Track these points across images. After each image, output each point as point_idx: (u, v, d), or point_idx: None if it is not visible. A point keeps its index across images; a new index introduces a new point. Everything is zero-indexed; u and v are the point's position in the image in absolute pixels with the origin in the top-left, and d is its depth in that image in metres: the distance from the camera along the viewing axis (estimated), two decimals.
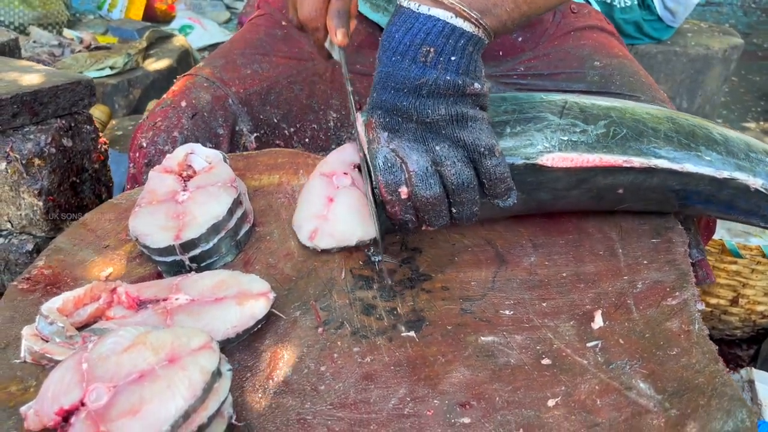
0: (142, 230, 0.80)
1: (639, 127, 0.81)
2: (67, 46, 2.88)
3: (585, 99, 0.85)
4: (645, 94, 1.11)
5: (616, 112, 0.82)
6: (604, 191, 0.83)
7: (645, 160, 0.79)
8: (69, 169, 1.24)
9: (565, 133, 0.79)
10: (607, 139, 0.80)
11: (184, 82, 1.15)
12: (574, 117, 0.80)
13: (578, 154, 0.79)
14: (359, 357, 0.68)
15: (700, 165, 0.80)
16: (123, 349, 0.60)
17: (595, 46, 1.21)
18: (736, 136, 0.85)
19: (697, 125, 0.84)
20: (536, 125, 0.80)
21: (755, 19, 4.66)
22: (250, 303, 0.71)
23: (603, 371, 0.67)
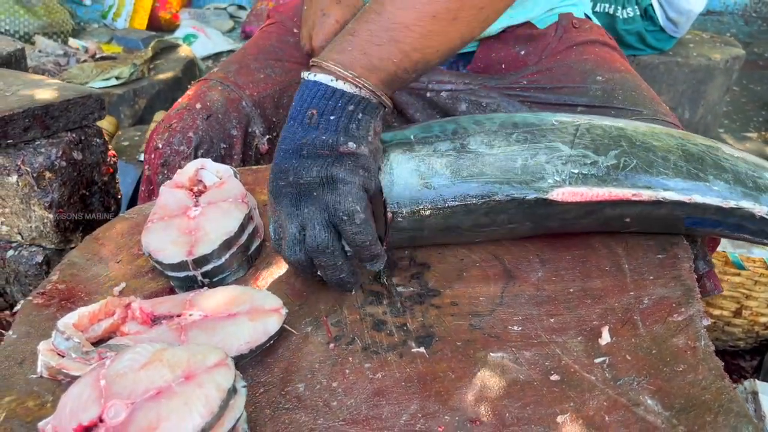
0: (154, 246, 0.81)
1: (649, 157, 0.82)
2: (73, 56, 2.91)
3: (597, 121, 0.85)
4: (647, 108, 1.13)
5: (626, 141, 0.83)
6: (612, 220, 0.84)
7: (653, 193, 0.80)
8: (79, 181, 1.25)
9: (575, 166, 0.80)
10: (617, 171, 0.80)
11: (199, 86, 1.17)
12: (585, 147, 0.81)
13: (588, 188, 0.80)
14: (370, 373, 0.70)
15: (707, 195, 0.81)
16: (140, 366, 0.61)
17: (598, 61, 1.22)
18: (744, 160, 0.86)
19: (706, 151, 0.84)
20: (547, 157, 0.80)
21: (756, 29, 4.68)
22: (262, 319, 0.72)
23: (611, 387, 0.68)
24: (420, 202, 0.79)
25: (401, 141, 0.82)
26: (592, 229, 0.87)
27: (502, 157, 0.80)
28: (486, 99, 1.21)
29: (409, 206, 0.79)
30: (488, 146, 0.81)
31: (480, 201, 0.80)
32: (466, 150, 0.81)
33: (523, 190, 0.79)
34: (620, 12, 2.50)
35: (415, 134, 0.83)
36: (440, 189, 0.79)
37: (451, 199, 0.79)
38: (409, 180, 0.79)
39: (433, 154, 0.80)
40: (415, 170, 0.80)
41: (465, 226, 0.83)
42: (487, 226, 0.83)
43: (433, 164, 0.80)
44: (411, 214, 0.80)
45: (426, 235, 0.84)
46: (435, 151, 0.80)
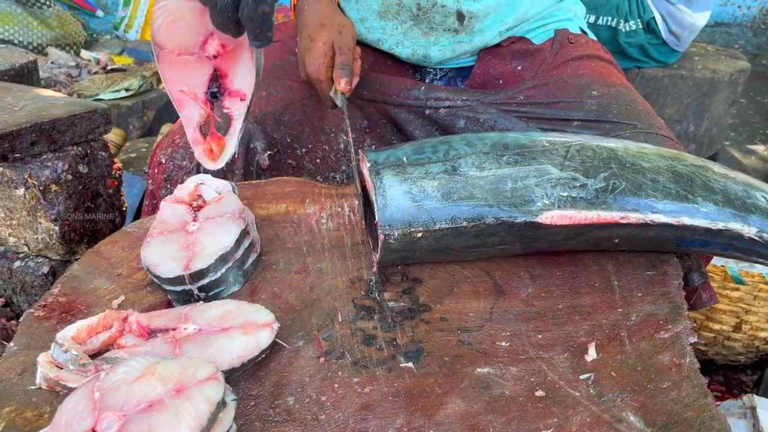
0: (152, 260, 0.83)
1: (638, 179, 0.83)
2: (84, 67, 2.96)
3: (588, 142, 0.87)
4: (642, 122, 1.14)
5: (616, 163, 0.84)
6: (601, 240, 0.86)
7: (641, 216, 0.82)
8: (84, 194, 1.28)
9: (564, 189, 0.81)
10: (606, 194, 0.82)
11: None
12: (575, 169, 0.82)
13: (577, 211, 0.81)
14: (359, 387, 0.71)
15: (696, 217, 0.83)
16: (133, 379, 0.63)
17: (593, 76, 1.24)
18: (735, 180, 0.87)
19: (695, 172, 0.85)
20: (537, 179, 0.82)
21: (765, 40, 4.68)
22: (255, 333, 0.74)
23: (595, 404, 0.69)
24: (412, 224, 0.81)
25: (394, 163, 0.84)
26: (581, 248, 0.88)
27: (492, 179, 0.82)
28: (484, 115, 1.23)
29: (401, 228, 0.81)
30: (479, 169, 0.83)
31: (470, 224, 0.81)
32: (457, 172, 0.82)
33: (512, 214, 0.81)
34: (623, 25, 2.51)
35: (408, 156, 0.84)
36: (431, 211, 0.81)
37: (441, 222, 0.81)
38: (402, 202, 0.81)
39: (425, 177, 0.82)
40: (407, 193, 0.81)
41: (456, 247, 0.84)
42: (478, 247, 0.85)
43: (425, 187, 0.81)
44: (403, 236, 0.81)
45: (417, 255, 0.85)
46: (427, 174, 0.82)
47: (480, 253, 0.87)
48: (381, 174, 0.83)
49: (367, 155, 0.86)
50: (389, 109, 1.28)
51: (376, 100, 1.29)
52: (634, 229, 0.83)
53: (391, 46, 1.27)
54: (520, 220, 0.81)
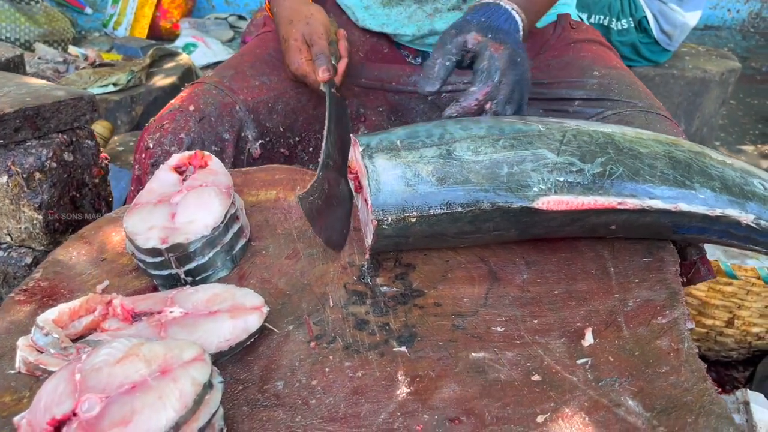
0: (132, 229, 0.80)
1: (635, 165, 0.81)
2: (72, 63, 2.92)
3: (584, 127, 0.85)
4: (642, 101, 1.15)
5: (613, 148, 0.82)
6: (598, 227, 0.84)
7: (639, 202, 0.80)
8: (69, 183, 1.25)
9: (561, 173, 0.79)
10: (603, 179, 0.80)
11: (193, 89, 1.18)
12: (571, 154, 0.80)
13: (573, 197, 0.79)
14: (350, 371, 0.69)
15: (693, 203, 0.81)
16: (116, 361, 0.60)
17: (595, 58, 1.25)
18: (732, 167, 0.86)
19: (693, 158, 0.84)
20: (533, 164, 0.79)
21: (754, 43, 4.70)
22: (243, 317, 0.71)
23: (592, 388, 0.68)
24: (406, 209, 0.78)
25: (387, 146, 0.81)
26: (577, 235, 0.87)
27: (488, 164, 0.79)
28: None
29: (394, 213, 0.78)
30: (474, 153, 0.80)
31: (465, 209, 0.78)
32: (452, 156, 0.80)
33: (508, 199, 0.78)
34: (615, 24, 2.51)
35: (402, 139, 0.82)
36: (426, 196, 0.78)
37: (436, 207, 0.78)
38: (395, 187, 0.78)
39: (420, 161, 0.79)
40: (401, 177, 0.78)
41: (450, 233, 0.82)
42: (473, 233, 0.82)
43: (420, 171, 0.79)
44: (396, 221, 0.78)
45: (411, 241, 0.83)
46: (421, 158, 0.80)
47: (475, 239, 0.85)
48: (374, 158, 0.80)
49: (359, 139, 0.84)
50: (389, 96, 1.27)
51: (374, 88, 1.28)
52: (631, 215, 0.82)
53: (396, 28, 1.26)
54: (516, 205, 0.79)
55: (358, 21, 1.28)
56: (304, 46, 1.13)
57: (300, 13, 1.16)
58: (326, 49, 1.12)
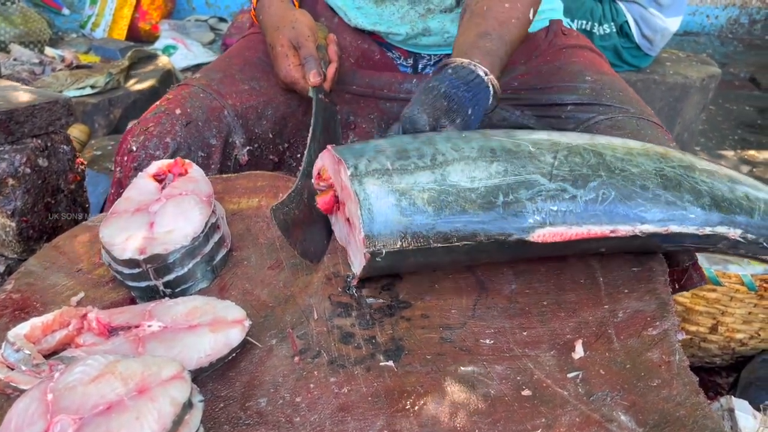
0: (109, 238, 0.78)
1: (627, 188, 0.79)
2: (48, 65, 2.86)
3: (575, 143, 0.83)
4: (634, 107, 1.15)
5: (605, 169, 0.80)
6: (588, 251, 0.84)
7: (630, 228, 0.79)
8: (44, 189, 1.21)
9: (554, 202, 0.77)
10: (596, 206, 0.78)
11: (180, 91, 1.14)
12: (564, 179, 0.78)
13: (567, 227, 0.77)
14: (336, 387, 0.67)
15: (684, 224, 0.80)
16: (90, 379, 0.58)
17: (586, 63, 1.25)
18: (719, 177, 0.85)
19: (683, 174, 0.83)
20: (527, 192, 0.77)
21: (732, 49, 4.76)
22: (224, 331, 0.69)
23: (584, 403, 0.66)
24: (401, 241, 0.73)
25: (378, 170, 0.75)
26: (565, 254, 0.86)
27: (484, 192, 0.76)
28: None
29: (389, 246, 0.73)
30: (470, 179, 0.76)
31: (462, 243, 0.75)
32: (447, 183, 0.75)
33: (504, 231, 0.75)
34: (597, 28, 2.52)
35: (392, 161, 0.77)
36: (422, 227, 0.73)
37: (432, 239, 0.74)
38: (390, 216, 0.73)
39: (414, 188, 0.74)
40: (396, 206, 0.73)
41: (445, 262, 0.80)
42: (466, 262, 0.82)
43: (415, 199, 0.74)
44: (390, 254, 0.73)
45: (402, 269, 0.81)
46: (416, 184, 0.75)
47: (465, 264, 0.84)
48: (364, 184, 0.74)
49: (345, 159, 0.76)
50: (380, 104, 1.25)
51: (366, 95, 1.26)
52: (622, 240, 0.81)
53: (388, 26, 1.24)
54: (512, 238, 0.76)
55: (350, 20, 1.26)
56: (290, 51, 1.11)
57: (285, 19, 1.14)
58: (314, 51, 1.09)
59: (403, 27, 1.23)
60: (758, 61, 4.43)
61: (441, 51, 1.29)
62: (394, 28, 1.23)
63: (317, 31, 1.16)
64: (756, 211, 0.83)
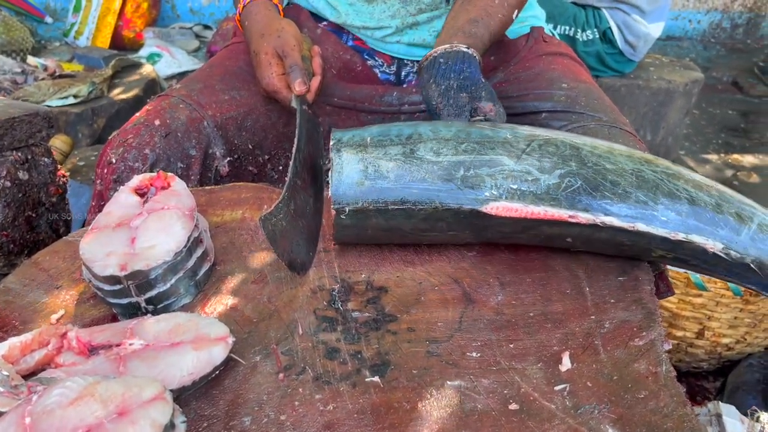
0: (89, 255, 0.76)
1: (596, 180, 0.80)
2: (31, 74, 2.83)
3: (554, 137, 0.84)
4: (608, 115, 1.15)
5: (577, 161, 0.81)
6: (553, 238, 0.84)
7: (591, 217, 0.79)
8: (24, 203, 1.20)
9: (515, 181, 0.80)
10: (558, 191, 0.80)
11: (159, 102, 1.13)
12: (531, 163, 0.81)
13: (523, 205, 0.80)
14: (321, 405, 0.66)
15: (653, 224, 0.79)
16: (69, 402, 0.56)
17: (564, 71, 1.26)
18: (709, 191, 0.82)
19: (663, 178, 0.82)
20: (489, 170, 0.81)
21: (714, 53, 4.80)
22: (207, 348, 0.68)
23: (571, 416, 0.66)
24: (362, 201, 0.81)
25: (357, 142, 0.84)
26: (535, 244, 0.87)
27: (446, 165, 0.81)
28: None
29: (352, 204, 0.81)
30: (435, 154, 0.82)
31: (418, 207, 0.81)
32: (413, 155, 0.82)
33: (459, 201, 0.81)
34: (580, 35, 2.54)
35: (372, 136, 0.85)
36: (383, 191, 0.81)
37: (392, 202, 0.81)
38: (355, 179, 0.82)
39: (383, 158, 0.82)
40: (363, 171, 0.82)
41: (406, 228, 0.84)
42: (428, 230, 0.84)
43: (380, 167, 0.82)
44: (354, 213, 0.82)
45: (370, 234, 0.85)
46: (385, 154, 0.83)
47: (433, 237, 0.86)
48: (341, 152, 0.83)
49: (334, 134, 0.86)
50: (361, 116, 1.25)
51: (347, 107, 1.26)
52: (584, 229, 0.81)
53: (379, 21, 1.25)
54: (465, 207, 0.81)
55: (339, 16, 1.26)
56: (275, 60, 1.10)
57: (271, 27, 1.13)
58: (299, 61, 1.09)
59: (394, 21, 1.24)
60: (740, 65, 4.47)
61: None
62: (384, 22, 1.24)
63: (302, 41, 1.15)
64: (745, 230, 0.80)
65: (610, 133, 1.10)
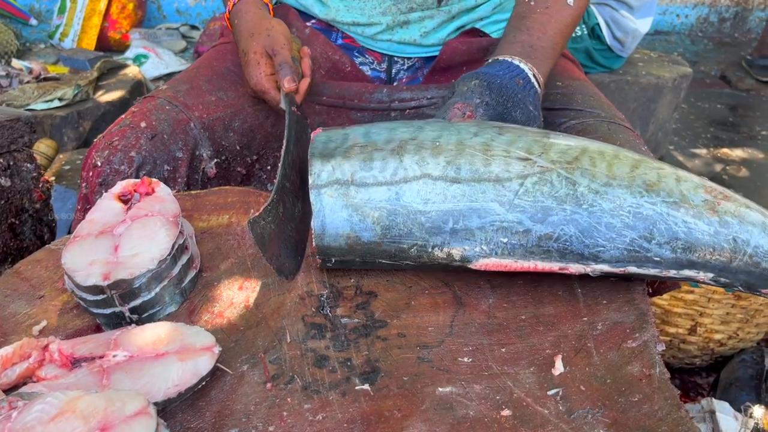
0: (71, 264, 0.75)
1: (590, 225, 0.76)
2: (15, 77, 2.79)
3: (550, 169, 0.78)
4: (605, 111, 1.15)
5: (573, 202, 0.76)
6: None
7: (582, 267, 0.77)
8: (7, 210, 1.18)
9: (505, 233, 0.77)
10: (549, 242, 0.76)
11: (145, 104, 1.12)
12: (522, 210, 0.76)
13: (513, 260, 0.78)
14: (310, 415, 0.65)
15: (644, 267, 0.77)
16: (50, 418, 0.55)
17: (558, 70, 1.26)
18: (708, 219, 0.76)
19: (664, 212, 0.76)
20: (479, 221, 0.77)
21: (702, 48, 4.81)
22: (193, 359, 0.66)
23: (564, 421, 0.65)
24: (348, 254, 0.80)
25: (339, 179, 0.79)
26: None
27: (434, 216, 0.77)
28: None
29: (338, 256, 0.80)
30: (423, 201, 0.77)
31: (404, 263, 0.80)
32: (400, 203, 0.78)
33: (448, 257, 0.79)
34: None
35: (354, 172, 0.79)
36: (369, 245, 0.79)
37: (378, 254, 0.80)
38: (340, 231, 0.78)
39: (367, 204, 0.78)
40: (347, 221, 0.78)
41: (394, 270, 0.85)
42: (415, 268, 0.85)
43: (366, 217, 0.78)
44: (340, 263, 0.82)
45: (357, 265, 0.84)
46: (369, 200, 0.78)
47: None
48: (321, 195, 0.79)
49: (311, 165, 0.80)
50: (351, 114, 1.24)
51: (336, 105, 1.24)
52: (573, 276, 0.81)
53: (370, 18, 1.24)
54: (455, 264, 0.79)
55: (329, 12, 1.25)
56: (263, 59, 1.09)
57: (261, 26, 1.12)
58: (289, 59, 1.08)
59: (385, 18, 1.23)
60: (728, 59, 4.48)
61: (416, 54, 1.28)
62: (375, 18, 1.23)
63: (292, 41, 1.14)
64: (739, 256, 0.76)
65: (610, 129, 1.10)
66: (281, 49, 1.08)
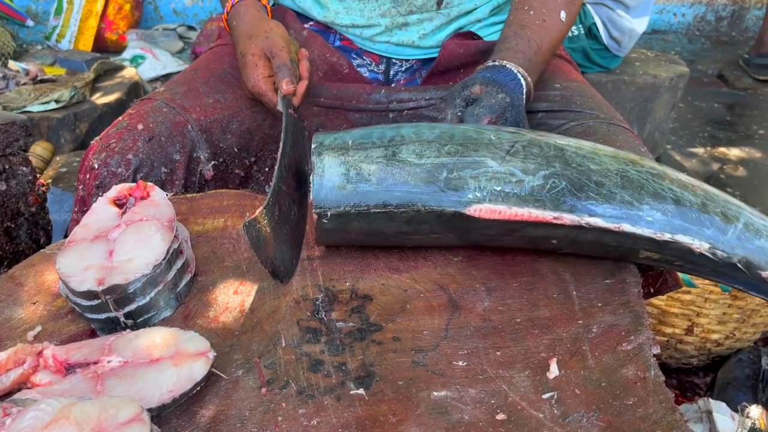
0: (66, 269, 0.75)
1: (581, 181, 0.79)
2: (12, 79, 2.79)
3: (538, 138, 0.83)
4: (604, 113, 1.15)
5: (561, 162, 0.80)
6: (538, 240, 0.83)
7: (576, 218, 0.78)
8: (3, 213, 1.17)
9: (499, 183, 0.79)
10: (542, 192, 0.79)
11: (142, 106, 1.12)
12: (515, 165, 0.80)
13: (507, 206, 0.79)
14: (305, 420, 0.65)
15: (638, 225, 0.78)
16: (44, 425, 0.55)
17: (555, 71, 1.25)
18: (694, 191, 0.81)
19: (648, 178, 0.81)
20: (473, 171, 0.80)
21: (699, 46, 4.82)
22: (188, 364, 0.66)
23: (560, 425, 0.65)
24: (344, 205, 0.81)
25: (338, 145, 0.83)
26: (520, 246, 0.86)
27: (429, 167, 0.80)
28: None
29: (333, 208, 0.81)
30: (418, 156, 0.81)
31: (400, 210, 0.81)
32: (396, 158, 0.81)
33: (442, 203, 0.80)
34: None
35: (354, 139, 0.83)
36: (364, 195, 0.80)
37: (374, 206, 0.80)
38: (337, 183, 0.81)
39: (364, 161, 0.82)
40: (344, 174, 0.81)
41: (389, 231, 0.83)
42: (411, 234, 0.83)
43: (362, 170, 0.81)
44: (335, 217, 0.81)
45: (353, 237, 0.84)
46: (367, 157, 0.82)
47: (416, 240, 0.85)
48: (322, 155, 0.82)
49: (315, 137, 0.84)
50: (349, 115, 1.23)
51: (334, 107, 1.24)
52: (569, 230, 0.80)
53: (368, 19, 1.24)
54: (448, 210, 0.80)
55: (328, 14, 1.25)
56: (261, 62, 1.09)
57: (259, 28, 1.12)
58: (288, 61, 1.07)
59: (384, 20, 1.23)
60: (725, 58, 4.48)
61: (414, 56, 1.28)
62: (374, 20, 1.23)
63: (291, 44, 1.14)
64: (731, 229, 0.79)
65: (609, 130, 1.10)
66: (280, 52, 1.08)
